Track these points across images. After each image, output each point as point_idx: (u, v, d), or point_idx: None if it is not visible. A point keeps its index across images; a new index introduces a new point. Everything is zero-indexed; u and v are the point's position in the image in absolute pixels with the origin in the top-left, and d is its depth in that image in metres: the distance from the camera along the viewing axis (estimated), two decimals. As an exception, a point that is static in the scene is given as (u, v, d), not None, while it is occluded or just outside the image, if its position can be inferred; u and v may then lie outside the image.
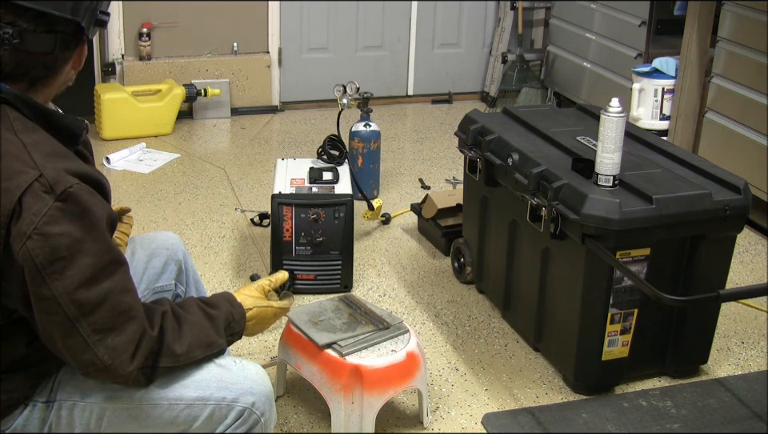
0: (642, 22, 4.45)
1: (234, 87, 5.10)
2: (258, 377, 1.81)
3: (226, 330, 1.81)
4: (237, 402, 1.77)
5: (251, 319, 1.90)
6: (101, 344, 1.59)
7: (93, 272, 1.56)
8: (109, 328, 1.59)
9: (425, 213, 3.63)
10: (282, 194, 3.13)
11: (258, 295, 1.96)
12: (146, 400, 1.73)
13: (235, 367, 1.80)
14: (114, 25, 4.86)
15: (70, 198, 1.54)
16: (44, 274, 1.53)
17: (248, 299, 1.92)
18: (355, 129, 3.95)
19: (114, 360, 1.60)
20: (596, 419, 2.53)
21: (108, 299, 1.59)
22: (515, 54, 5.42)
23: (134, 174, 4.26)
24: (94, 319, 1.58)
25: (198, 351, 1.74)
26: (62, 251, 1.53)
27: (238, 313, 1.85)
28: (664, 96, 4.25)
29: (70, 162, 1.60)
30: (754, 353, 2.94)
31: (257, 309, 1.92)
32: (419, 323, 3.03)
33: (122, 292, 1.61)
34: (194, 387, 1.75)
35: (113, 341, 1.60)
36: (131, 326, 1.62)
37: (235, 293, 1.92)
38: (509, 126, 3.05)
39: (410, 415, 2.54)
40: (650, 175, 2.62)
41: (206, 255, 3.46)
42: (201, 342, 1.74)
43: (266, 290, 2.00)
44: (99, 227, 1.58)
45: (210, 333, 1.77)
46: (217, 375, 1.77)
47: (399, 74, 5.53)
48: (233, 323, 1.83)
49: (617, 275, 2.50)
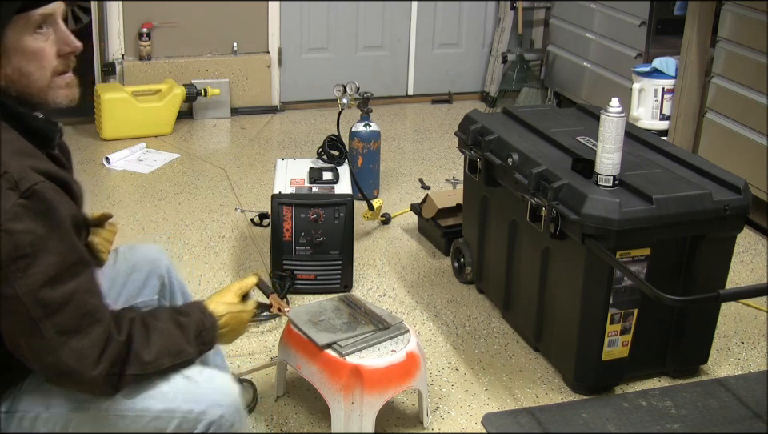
0: (642, 22, 4.45)
1: (233, 87, 5.10)
2: (226, 388, 1.76)
3: (196, 338, 1.76)
4: (204, 414, 1.71)
5: (225, 327, 1.86)
6: (65, 347, 1.55)
7: (57, 271, 1.54)
8: (73, 330, 1.56)
9: (425, 213, 3.63)
10: (282, 194, 3.12)
11: (231, 300, 1.90)
12: (112, 411, 1.69)
13: (202, 379, 1.75)
14: (114, 25, 4.86)
15: (34, 195, 1.52)
16: (7, 272, 1.50)
17: (220, 306, 1.87)
18: (355, 129, 3.95)
19: (78, 364, 1.57)
20: (596, 419, 2.53)
21: (73, 299, 1.56)
22: (515, 54, 5.43)
23: (134, 174, 4.26)
24: (58, 321, 1.54)
25: (166, 359, 1.69)
26: (25, 248, 1.51)
27: (209, 322, 1.81)
28: (664, 96, 4.25)
29: (37, 161, 1.58)
30: (754, 353, 2.94)
31: (230, 315, 1.87)
32: (419, 323, 3.03)
33: (87, 293, 1.59)
34: (161, 399, 1.71)
35: (77, 344, 1.56)
36: (96, 329, 1.59)
37: (208, 301, 1.88)
38: (509, 126, 3.05)
39: (409, 415, 2.54)
40: (650, 175, 2.62)
41: (206, 255, 3.46)
42: (169, 350, 1.70)
43: (240, 294, 1.94)
44: (64, 226, 1.56)
45: (180, 341, 1.73)
46: (184, 387, 1.72)
47: (399, 74, 5.53)
48: (204, 331, 1.78)
49: (617, 275, 2.50)
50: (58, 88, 1.67)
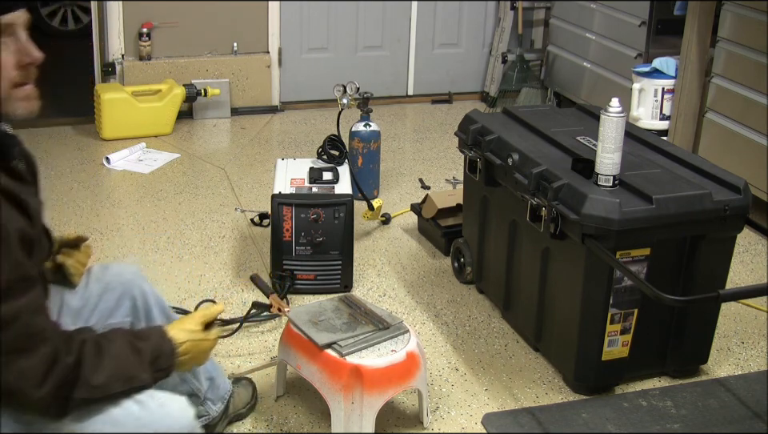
0: (642, 22, 4.45)
1: (234, 87, 5.10)
2: (178, 414, 1.71)
3: (151, 364, 1.71)
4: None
5: (185, 354, 1.80)
6: (9, 366, 1.51)
7: (2, 288, 1.49)
8: (18, 349, 1.51)
9: (425, 213, 3.63)
10: (281, 194, 3.12)
11: (193, 328, 1.85)
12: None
13: (154, 405, 1.69)
14: (114, 25, 4.86)
15: None
16: None
17: (181, 333, 1.81)
18: (355, 129, 3.95)
19: (22, 384, 1.53)
20: (596, 419, 2.53)
21: (19, 318, 1.51)
22: (515, 54, 5.43)
23: (134, 174, 4.26)
24: (2, 339, 1.50)
25: (116, 384, 1.64)
26: None
27: (167, 348, 1.76)
28: (664, 96, 4.25)
29: None
30: (754, 353, 2.94)
31: (191, 343, 1.82)
32: (419, 323, 3.03)
33: (34, 313, 1.54)
34: (112, 424, 1.65)
35: (22, 363, 1.52)
36: (42, 349, 1.53)
37: (170, 326, 1.83)
38: (509, 126, 3.05)
39: (410, 415, 2.54)
40: (650, 175, 2.62)
41: (205, 255, 3.46)
42: (121, 374, 1.65)
43: (203, 322, 1.88)
44: (9, 242, 1.50)
45: (133, 366, 1.67)
46: (135, 413, 1.67)
47: (399, 74, 5.53)
48: (160, 358, 1.73)
49: (617, 275, 2.50)
50: (16, 100, 1.62)
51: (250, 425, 2.47)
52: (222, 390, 2.37)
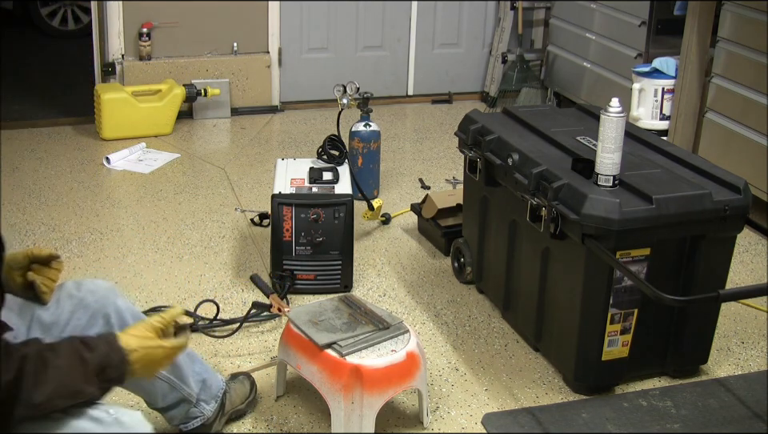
0: (642, 22, 4.45)
1: (234, 87, 5.10)
2: (135, 427, 1.65)
3: (98, 376, 1.63)
4: None
5: (137, 362, 1.72)
6: None
7: None
8: None
9: (425, 213, 3.63)
10: (281, 194, 3.12)
11: (146, 334, 1.76)
12: None
13: (109, 419, 1.64)
14: (114, 25, 4.86)
15: None
16: None
17: (133, 340, 1.73)
18: (355, 129, 3.95)
19: None
20: (596, 419, 2.53)
21: None
22: (515, 54, 5.42)
23: (134, 174, 4.26)
24: None
25: (60, 400, 1.58)
26: None
27: (116, 358, 1.67)
28: (664, 96, 4.25)
29: None
30: (754, 353, 2.94)
31: (143, 350, 1.73)
32: (419, 323, 3.03)
33: None
34: None
35: None
36: None
37: (122, 334, 1.75)
38: (509, 126, 3.05)
39: (410, 415, 2.54)
40: (650, 175, 2.62)
41: (205, 255, 3.46)
42: (65, 390, 1.58)
43: (158, 328, 1.80)
44: None
45: (78, 380, 1.60)
46: (89, 429, 1.61)
47: (399, 74, 5.53)
48: (108, 368, 1.65)
49: (617, 275, 2.50)
50: None
51: (250, 425, 2.47)
52: (215, 388, 2.33)
